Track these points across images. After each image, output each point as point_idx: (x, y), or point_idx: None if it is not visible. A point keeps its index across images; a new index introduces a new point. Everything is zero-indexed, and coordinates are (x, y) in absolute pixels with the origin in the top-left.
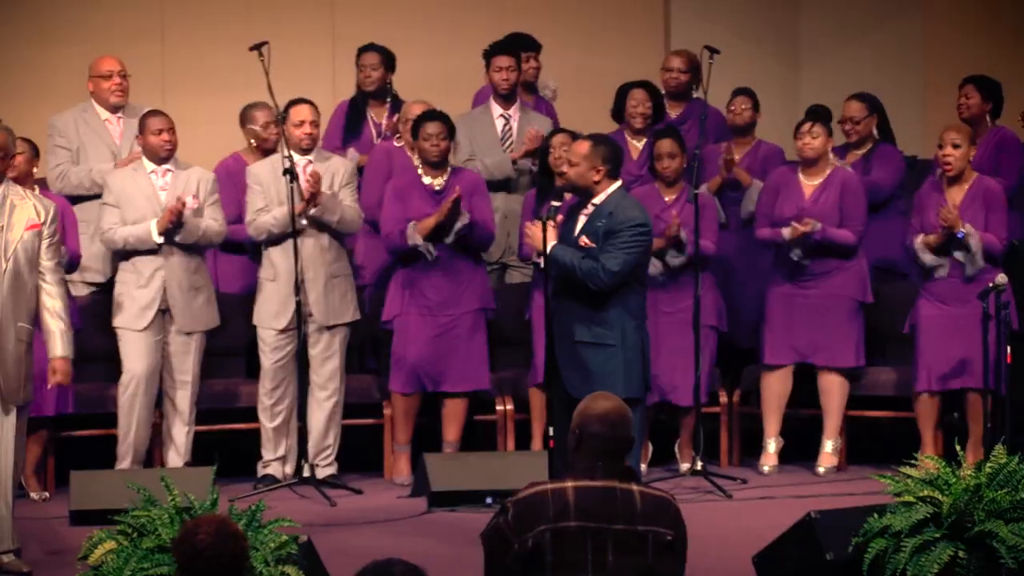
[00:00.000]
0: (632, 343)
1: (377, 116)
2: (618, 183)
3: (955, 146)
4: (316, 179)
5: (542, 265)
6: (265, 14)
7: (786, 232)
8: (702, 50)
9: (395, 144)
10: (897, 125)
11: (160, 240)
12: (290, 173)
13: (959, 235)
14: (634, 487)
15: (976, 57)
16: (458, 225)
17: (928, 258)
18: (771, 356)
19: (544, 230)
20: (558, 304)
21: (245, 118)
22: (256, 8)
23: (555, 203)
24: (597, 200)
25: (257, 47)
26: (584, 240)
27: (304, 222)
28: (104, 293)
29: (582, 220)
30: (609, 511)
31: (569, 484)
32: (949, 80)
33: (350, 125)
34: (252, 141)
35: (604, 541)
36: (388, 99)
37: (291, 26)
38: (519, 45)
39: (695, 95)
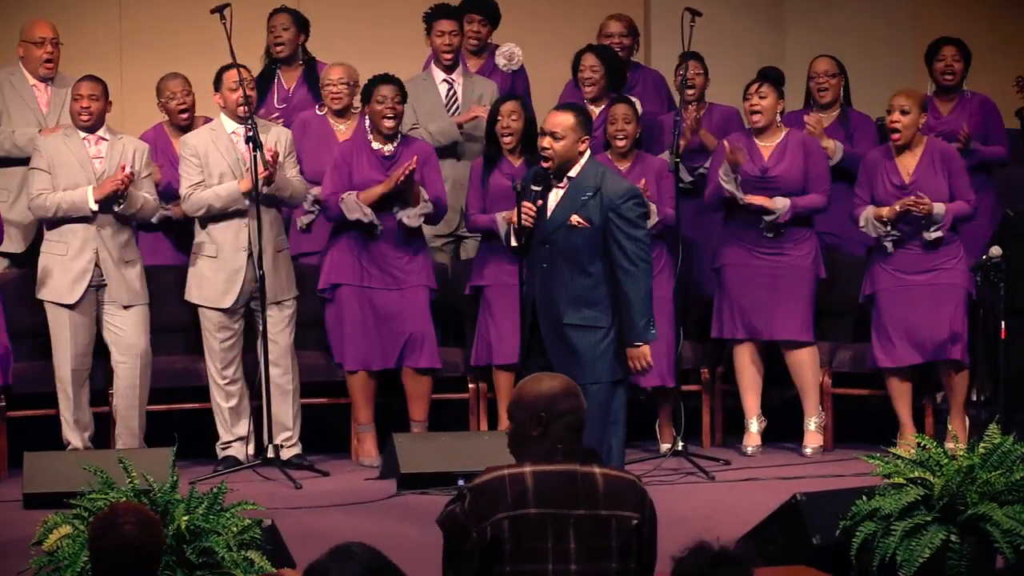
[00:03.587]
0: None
1: (287, 81)
2: (588, 151)
3: (904, 112)
4: (275, 158)
5: (514, 244)
6: None
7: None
8: (683, 13)
9: (317, 112)
10: (886, 88)
11: (95, 208)
12: (253, 141)
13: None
14: (596, 469)
15: (969, 21)
16: (419, 210)
17: (877, 231)
18: (724, 330)
19: (519, 205)
20: (542, 289)
21: (157, 91)
22: None
23: (535, 187)
24: (573, 172)
25: (219, 9)
26: (576, 219)
27: (247, 201)
28: (25, 265)
29: (555, 195)
30: (570, 496)
31: (527, 469)
32: None
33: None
34: (163, 114)
35: (565, 527)
36: (301, 63)
37: None
38: (469, 6)
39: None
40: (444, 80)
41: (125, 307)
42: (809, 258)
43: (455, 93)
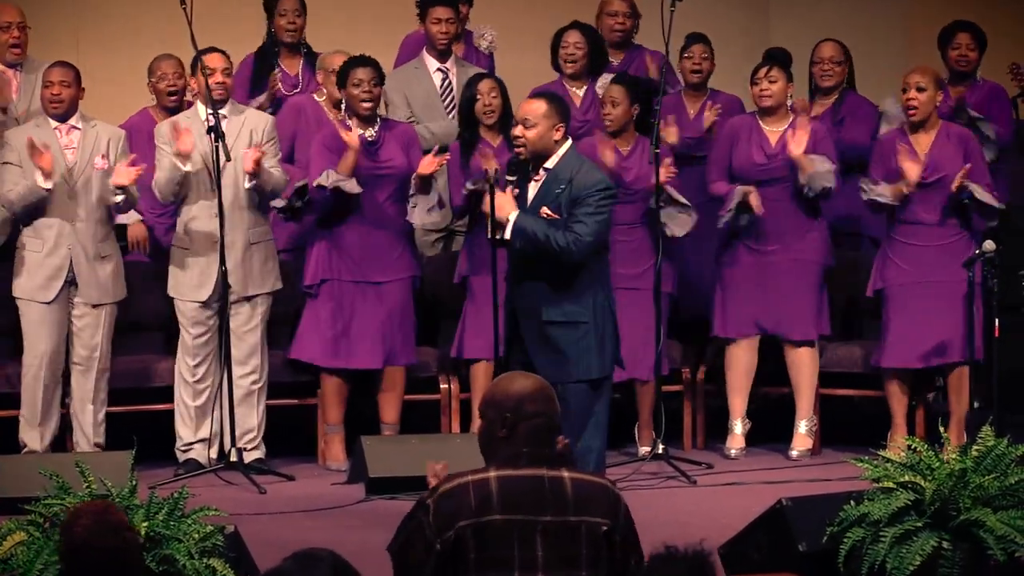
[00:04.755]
0: (604, 317)
1: (290, 69)
2: (569, 142)
3: (920, 89)
4: (258, 159)
5: (490, 236)
6: None
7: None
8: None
9: (315, 98)
10: (876, 77)
11: (47, 184)
12: (215, 131)
13: (965, 196)
14: (564, 473)
15: (961, 9)
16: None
17: (886, 195)
18: (727, 328)
19: (492, 194)
20: (520, 282)
21: (149, 71)
22: None
23: (510, 177)
24: (550, 163)
25: None
26: (545, 211)
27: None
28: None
29: (533, 187)
30: (537, 501)
31: (492, 474)
32: (933, 30)
33: (256, 79)
34: (152, 95)
35: (532, 534)
36: (303, 50)
37: None
38: None
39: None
40: (438, 69)
41: (94, 306)
42: (817, 249)
43: (450, 83)
